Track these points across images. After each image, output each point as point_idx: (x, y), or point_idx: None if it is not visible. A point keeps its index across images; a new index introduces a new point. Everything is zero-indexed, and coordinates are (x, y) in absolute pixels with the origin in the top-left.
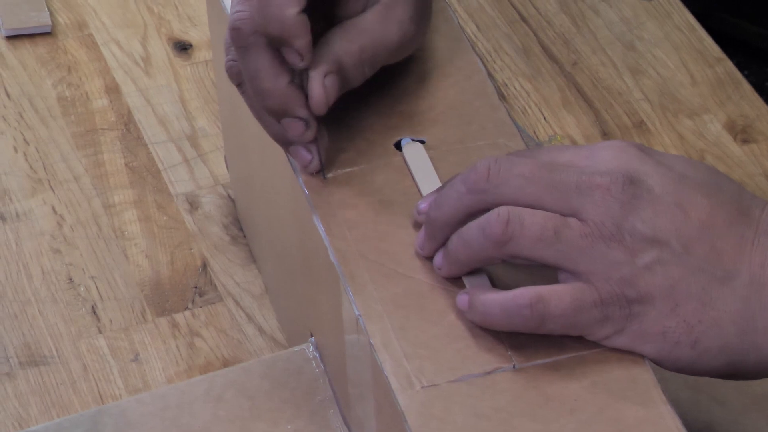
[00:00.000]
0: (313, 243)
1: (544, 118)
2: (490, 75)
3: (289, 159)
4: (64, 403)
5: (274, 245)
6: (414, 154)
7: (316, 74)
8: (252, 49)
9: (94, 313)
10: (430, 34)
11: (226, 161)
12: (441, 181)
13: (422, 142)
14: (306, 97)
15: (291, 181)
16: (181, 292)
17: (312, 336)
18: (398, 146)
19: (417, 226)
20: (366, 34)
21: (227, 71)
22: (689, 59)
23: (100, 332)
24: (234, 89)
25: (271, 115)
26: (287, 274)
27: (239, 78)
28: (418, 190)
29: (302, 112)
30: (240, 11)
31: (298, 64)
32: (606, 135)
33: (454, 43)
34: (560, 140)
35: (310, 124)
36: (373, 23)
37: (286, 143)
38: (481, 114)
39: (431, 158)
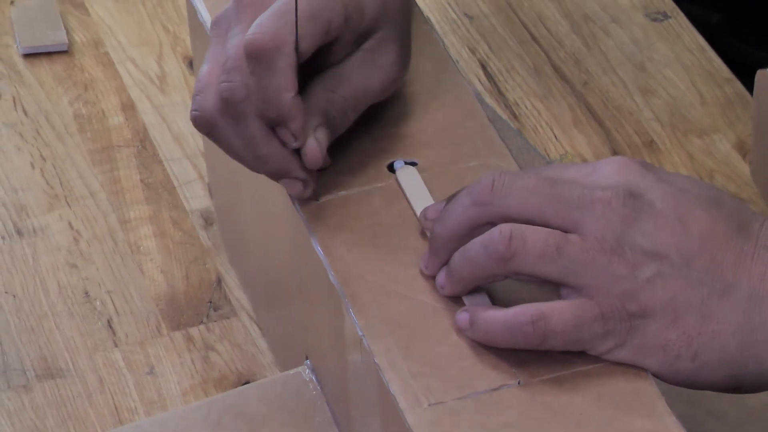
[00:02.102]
0: (311, 266)
1: (555, 137)
2: (479, 95)
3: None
4: (81, 415)
5: (266, 270)
6: (407, 176)
7: (308, 131)
8: (244, 117)
9: (110, 326)
10: (416, 57)
11: (209, 190)
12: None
13: (414, 164)
14: (300, 157)
15: (285, 206)
16: (195, 307)
17: (307, 358)
18: (391, 168)
19: (418, 239)
20: (349, 83)
21: (193, 121)
22: (699, 80)
23: (116, 345)
24: None
25: (269, 176)
26: (280, 297)
27: (207, 127)
28: (414, 212)
29: (300, 173)
30: (229, 81)
31: (292, 144)
32: (616, 154)
33: (440, 65)
34: (571, 158)
35: (308, 183)
36: (356, 71)
37: (276, 178)
38: (472, 135)
39: (424, 180)
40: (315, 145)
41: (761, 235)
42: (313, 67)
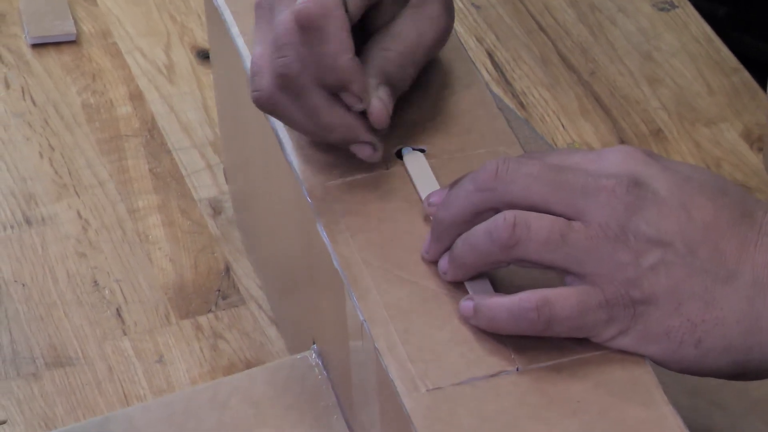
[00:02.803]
0: (317, 250)
1: (563, 126)
2: (488, 84)
3: (292, 168)
4: (90, 403)
5: (277, 255)
6: (415, 162)
7: (370, 92)
8: (303, 89)
9: (119, 315)
10: None
11: (225, 174)
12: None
13: (422, 151)
14: (365, 121)
15: (294, 190)
16: (204, 295)
17: (314, 343)
18: (399, 155)
19: (424, 225)
20: (402, 39)
21: (255, 102)
22: (706, 69)
23: (125, 334)
24: (234, 103)
25: (338, 145)
26: (290, 283)
27: (269, 106)
28: (420, 199)
29: (368, 137)
30: (282, 56)
31: (357, 106)
32: (623, 143)
33: (452, 53)
34: (578, 147)
35: (377, 146)
36: (407, 26)
37: (344, 144)
38: (481, 122)
39: (432, 166)
40: (379, 104)
41: (765, 223)
42: (364, 31)
